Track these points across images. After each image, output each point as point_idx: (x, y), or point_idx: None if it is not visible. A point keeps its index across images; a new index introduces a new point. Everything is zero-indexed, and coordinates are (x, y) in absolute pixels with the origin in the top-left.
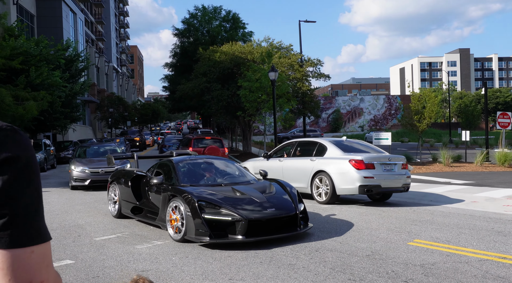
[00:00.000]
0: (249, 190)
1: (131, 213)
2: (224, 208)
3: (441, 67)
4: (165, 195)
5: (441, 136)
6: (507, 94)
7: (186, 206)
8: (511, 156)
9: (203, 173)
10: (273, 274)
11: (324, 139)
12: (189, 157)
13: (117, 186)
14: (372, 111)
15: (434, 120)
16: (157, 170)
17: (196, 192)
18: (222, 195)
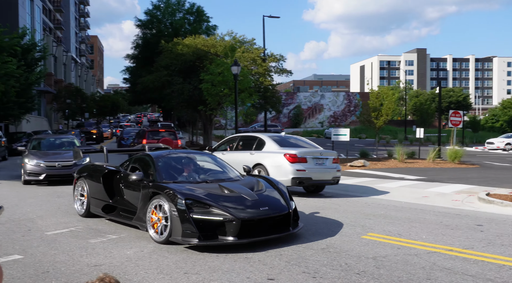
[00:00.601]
0: (237, 187)
1: (102, 212)
2: (215, 207)
3: (399, 66)
4: (145, 192)
5: (397, 133)
6: (460, 93)
7: (172, 205)
8: (461, 153)
9: (185, 169)
10: (229, 268)
11: (263, 134)
12: (169, 151)
13: (86, 182)
14: (332, 108)
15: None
16: (133, 166)
17: (182, 189)
18: (210, 193)
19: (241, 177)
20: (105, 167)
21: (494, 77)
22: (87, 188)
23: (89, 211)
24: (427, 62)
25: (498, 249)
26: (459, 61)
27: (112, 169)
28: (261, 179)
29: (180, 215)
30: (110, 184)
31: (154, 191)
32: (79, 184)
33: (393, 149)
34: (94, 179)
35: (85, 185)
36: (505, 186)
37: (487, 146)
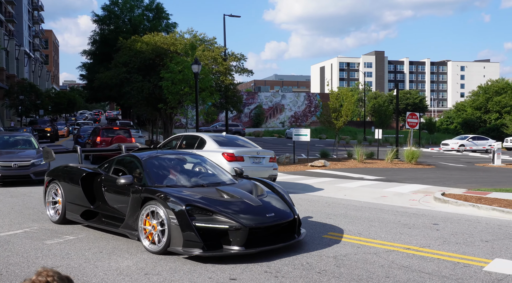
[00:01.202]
0: (237, 192)
1: (81, 218)
2: (218, 214)
3: (358, 68)
4: (135, 198)
5: (357, 134)
6: (416, 96)
7: (170, 212)
8: (417, 154)
9: (176, 172)
10: (190, 268)
11: (204, 134)
12: (156, 152)
13: (60, 186)
14: (293, 108)
15: (350, 119)
16: (116, 168)
17: (180, 194)
18: (211, 198)
19: (235, 180)
20: (83, 169)
21: (448, 80)
22: (62, 192)
23: (65, 217)
24: (385, 64)
25: (453, 247)
26: (415, 64)
27: (91, 171)
28: (258, 182)
29: (181, 223)
30: (90, 187)
31: (146, 196)
32: (52, 187)
33: (353, 149)
34: (71, 182)
35: (60, 188)
36: (459, 186)
37: (442, 147)
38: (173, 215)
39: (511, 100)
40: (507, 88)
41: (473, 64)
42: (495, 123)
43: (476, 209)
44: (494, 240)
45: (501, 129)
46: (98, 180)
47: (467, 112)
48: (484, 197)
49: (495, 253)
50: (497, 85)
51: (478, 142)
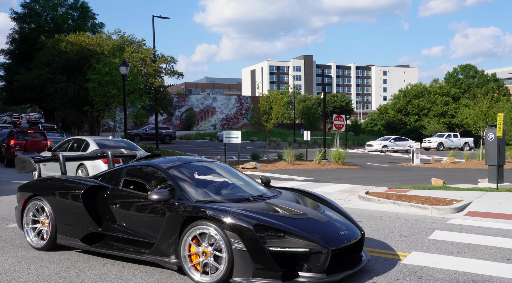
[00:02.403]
0: (292, 205)
1: (82, 243)
2: (293, 234)
3: (288, 71)
4: (174, 217)
5: (287, 136)
6: (343, 99)
7: (231, 234)
8: (344, 155)
9: (209, 183)
10: (116, 275)
11: (89, 137)
12: (178, 159)
13: (47, 203)
14: (224, 111)
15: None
16: (126, 179)
17: (240, 211)
18: (273, 215)
19: (274, 191)
20: (81, 182)
21: (372, 84)
22: (51, 211)
23: (54, 242)
24: (313, 68)
25: (375, 243)
26: (342, 68)
27: (94, 185)
28: (299, 193)
29: (250, 248)
30: (93, 205)
31: (191, 216)
32: (32, 206)
33: (283, 151)
34: (66, 198)
35: (46, 207)
36: (382, 184)
37: (367, 148)
38: (237, 238)
39: (428, 103)
40: (424, 92)
41: (395, 69)
42: (415, 125)
43: (396, 206)
44: (411, 234)
45: (420, 131)
46: (105, 196)
47: (389, 114)
48: (404, 194)
49: (412, 246)
50: (416, 89)
51: (399, 143)
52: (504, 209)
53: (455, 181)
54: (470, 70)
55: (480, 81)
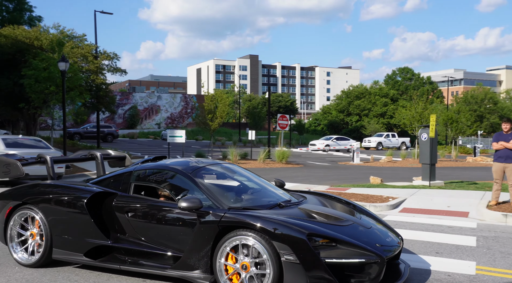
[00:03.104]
0: (328, 211)
1: (85, 258)
2: (345, 243)
3: (234, 71)
4: (206, 227)
5: (232, 135)
6: (288, 99)
7: (280, 245)
8: (288, 154)
9: (234, 188)
10: (50, 279)
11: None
12: (195, 161)
13: (40, 213)
14: (169, 109)
15: (226, 120)
16: (137, 184)
17: (285, 219)
18: (319, 223)
19: (298, 196)
20: (84, 188)
21: (316, 84)
22: (45, 223)
23: (49, 257)
24: (259, 68)
25: None
26: (287, 68)
27: (99, 191)
28: (323, 197)
29: (304, 260)
30: (98, 214)
31: (228, 225)
32: (20, 216)
33: (228, 150)
34: (66, 206)
35: (39, 217)
36: (324, 183)
37: (310, 148)
38: (287, 249)
39: (369, 104)
40: (365, 93)
41: (338, 70)
42: (356, 125)
43: None
44: None
45: (361, 130)
46: (113, 204)
47: (332, 114)
48: (344, 192)
49: None
50: (357, 90)
51: (341, 142)
52: (435, 205)
53: (392, 179)
54: (408, 73)
55: (416, 84)
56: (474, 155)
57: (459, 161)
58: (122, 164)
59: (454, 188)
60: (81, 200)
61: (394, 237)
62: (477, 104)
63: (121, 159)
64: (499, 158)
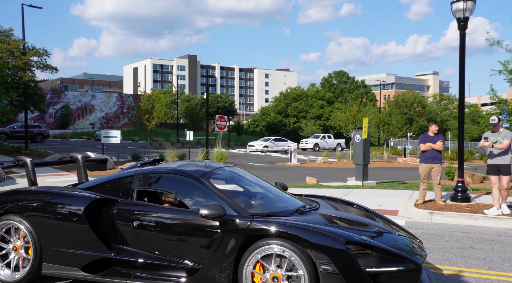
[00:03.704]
0: (349, 216)
1: (84, 273)
2: (380, 250)
3: (172, 70)
4: (230, 235)
5: (170, 136)
6: (226, 100)
7: (317, 254)
8: (226, 155)
9: (246, 192)
10: None
11: None
12: (202, 164)
13: (27, 223)
14: (104, 109)
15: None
16: (140, 190)
17: (318, 227)
18: (351, 229)
19: (303, 200)
20: (79, 194)
21: (255, 86)
22: (32, 234)
23: (37, 272)
24: (198, 68)
25: None
26: (225, 69)
27: (98, 198)
28: (332, 201)
29: (343, 270)
30: (96, 223)
31: (255, 234)
32: (0, 227)
33: (165, 151)
34: (60, 216)
35: (25, 228)
36: None
37: (249, 149)
38: (324, 259)
39: (306, 106)
40: (302, 95)
41: (276, 72)
42: (294, 126)
43: None
44: None
45: (298, 132)
46: (114, 212)
47: (270, 116)
48: None
49: None
50: (295, 92)
51: (279, 143)
52: (367, 204)
53: (327, 180)
54: (343, 76)
55: (351, 87)
56: (404, 156)
57: (391, 161)
58: (103, 167)
59: (385, 187)
60: (77, 208)
61: (417, 242)
62: (407, 108)
63: (102, 162)
64: (426, 159)
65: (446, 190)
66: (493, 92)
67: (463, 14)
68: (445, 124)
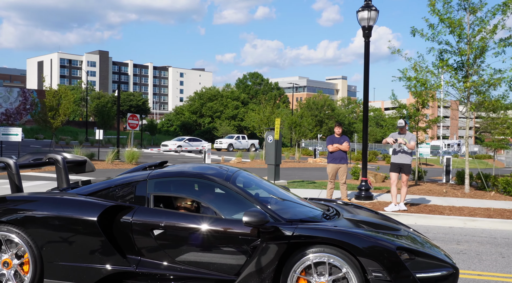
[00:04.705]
0: (371, 220)
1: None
2: (422, 254)
3: (81, 66)
4: (272, 243)
5: (78, 135)
6: (140, 98)
7: (367, 261)
8: (138, 155)
9: (270, 198)
10: None
11: None
12: (219, 167)
13: (24, 234)
14: (4, 104)
15: (71, 118)
16: (158, 195)
17: (366, 233)
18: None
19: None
20: (91, 201)
21: (169, 85)
22: (31, 246)
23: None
24: (109, 65)
25: None
26: (139, 67)
27: (112, 204)
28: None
29: (397, 277)
30: (110, 233)
31: (300, 241)
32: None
33: (73, 150)
34: (68, 225)
35: (22, 240)
36: None
37: (162, 148)
38: (375, 266)
39: (221, 106)
40: (218, 95)
41: (191, 72)
42: (208, 126)
43: None
44: None
45: (213, 132)
46: (132, 220)
47: (185, 115)
48: None
49: None
50: (210, 92)
51: (193, 143)
52: None
53: None
54: (257, 78)
55: (265, 88)
56: (315, 157)
57: (302, 162)
58: (80, 170)
59: (296, 187)
60: (89, 216)
61: None
62: (318, 110)
63: (80, 164)
64: (334, 160)
65: (351, 189)
66: (394, 97)
67: (367, 22)
68: (352, 127)
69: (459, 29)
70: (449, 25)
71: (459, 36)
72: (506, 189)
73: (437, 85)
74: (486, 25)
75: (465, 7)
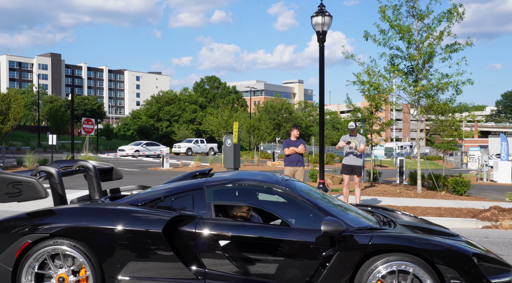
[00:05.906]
0: (419, 224)
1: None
2: (488, 259)
3: (32, 69)
4: (347, 252)
5: (30, 140)
6: (94, 102)
7: (446, 268)
8: (93, 160)
9: (326, 205)
10: None
11: None
12: (283, 177)
13: (86, 249)
14: None
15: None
16: (220, 205)
17: (436, 240)
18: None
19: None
20: (153, 212)
21: (125, 88)
22: (92, 261)
23: None
24: (62, 68)
25: None
26: (93, 70)
27: (174, 215)
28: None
29: (473, 282)
30: (172, 242)
31: (376, 250)
32: (41, 255)
33: (24, 156)
34: (127, 238)
35: (82, 254)
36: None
37: (119, 153)
38: (453, 273)
39: (179, 110)
40: (175, 99)
41: (148, 75)
42: (166, 130)
43: None
44: None
45: (171, 136)
46: (195, 230)
47: (142, 119)
48: None
49: None
50: (167, 96)
51: (151, 147)
52: None
53: None
54: (215, 82)
55: (223, 92)
56: (273, 160)
57: (261, 165)
58: (107, 178)
59: None
60: (154, 228)
61: None
62: (276, 114)
63: (106, 171)
64: (291, 163)
65: None
66: (349, 101)
67: (321, 28)
68: (310, 130)
69: (408, 35)
70: (398, 31)
71: (409, 42)
72: (455, 188)
73: (389, 89)
74: (433, 31)
75: (414, 14)
